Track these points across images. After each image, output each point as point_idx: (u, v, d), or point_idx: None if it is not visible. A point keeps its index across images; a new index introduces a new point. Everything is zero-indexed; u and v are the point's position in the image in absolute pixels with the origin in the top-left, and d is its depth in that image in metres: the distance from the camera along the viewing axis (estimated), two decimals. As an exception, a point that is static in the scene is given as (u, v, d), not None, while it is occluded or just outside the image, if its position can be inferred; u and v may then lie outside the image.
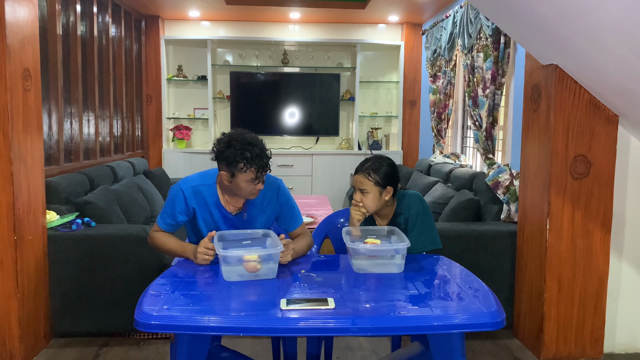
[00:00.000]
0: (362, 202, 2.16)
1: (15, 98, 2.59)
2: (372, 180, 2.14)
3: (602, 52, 2.20)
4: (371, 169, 2.16)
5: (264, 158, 1.98)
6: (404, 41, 5.93)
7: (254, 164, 1.94)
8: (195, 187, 2.08)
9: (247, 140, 1.96)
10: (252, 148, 1.95)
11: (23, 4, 2.66)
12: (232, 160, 1.94)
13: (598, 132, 2.71)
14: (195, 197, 2.08)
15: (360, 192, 2.16)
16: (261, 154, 1.97)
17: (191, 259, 2.01)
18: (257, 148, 1.96)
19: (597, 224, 2.76)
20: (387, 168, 2.18)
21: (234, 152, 1.94)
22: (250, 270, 1.79)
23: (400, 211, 2.24)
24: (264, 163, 1.97)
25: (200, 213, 2.10)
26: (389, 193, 2.18)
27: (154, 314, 1.49)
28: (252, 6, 5.17)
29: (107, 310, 2.92)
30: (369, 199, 2.15)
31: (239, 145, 1.94)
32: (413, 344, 2.13)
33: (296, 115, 5.99)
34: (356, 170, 2.20)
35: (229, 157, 1.95)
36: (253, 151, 1.94)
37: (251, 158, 1.93)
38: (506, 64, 3.53)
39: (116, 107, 4.89)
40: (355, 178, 2.19)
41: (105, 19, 4.59)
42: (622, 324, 2.89)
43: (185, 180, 2.11)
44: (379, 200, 2.16)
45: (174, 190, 2.09)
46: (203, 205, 2.09)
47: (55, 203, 3.13)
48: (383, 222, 2.28)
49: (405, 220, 2.22)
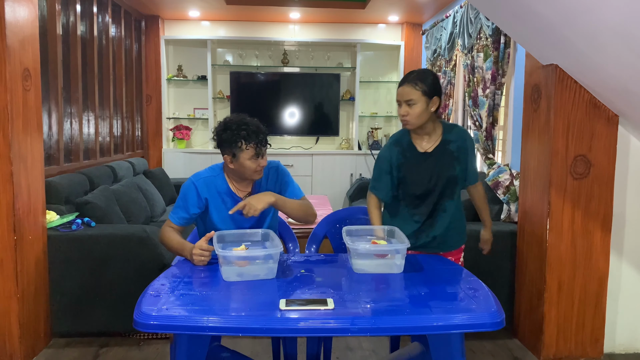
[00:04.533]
0: (409, 114, 2.09)
1: (15, 98, 2.59)
2: (419, 89, 2.07)
3: (602, 52, 2.20)
4: (418, 79, 2.08)
5: (260, 134, 2.06)
6: (404, 41, 5.92)
7: (251, 140, 2.03)
8: (206, 179, 2.15)
9: (243, 121, 2.06)
10: (247, 127, 2.04)
11: (23, 4, 2.66)
12: (232, 141, 2.03)
13: (598, 132, 2.71)
14: (207, 187, 2.14)
15: (407, 105, 2.09)
16: (257, 131, 2.05)
17: (188, 258, 2.01)
18: (253, 126, 2.05)
19: (597, 224, 2.76)
20: (433, 78, 2.12)
21: (231, 133, 2.03)
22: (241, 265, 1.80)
23: (452, 139, 2.18)
24: (261, 138, 2.05)
25: (212, 203, 2.15)
26: (435, 104, 2.10)
27: (153, 314, 1.49)
28: (252, 6, 5.17)
29: (107, 310, 2.92)
30: (416, 110, 2.08)
31: (235, 126, 2.04)
32: (413, 344, 2.13)
33: (296, 115, 5.98)
34: (401, 82, 2.13)
35: (228, 139, 2.04)
36: (249, 129, 2.04)
37: (248, 135, 2.02)
38: (506, 64, 3.53)
39: (116, 107, 4.89)
40: (401, 90, 2.10)
41: (105, 19, 4.59)
42: (622, 324, 2.89)
43: (196, 175, 2.19)
44: (425, 111, 2.09)
45: (186, 185, 2.15)
46: (215, 195, 2.15)
47: (55, 203, 3.13)
48: (425, 142, 2.18)
49: (458, 148, 2.17)
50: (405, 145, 2.20)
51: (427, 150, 2.18)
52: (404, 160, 2.19)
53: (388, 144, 2.25)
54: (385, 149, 2.25)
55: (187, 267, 1.95)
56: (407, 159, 2.19)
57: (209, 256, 1.95)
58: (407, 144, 2.20)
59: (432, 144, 2.18)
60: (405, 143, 2.21)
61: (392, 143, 2.24)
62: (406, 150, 2.19)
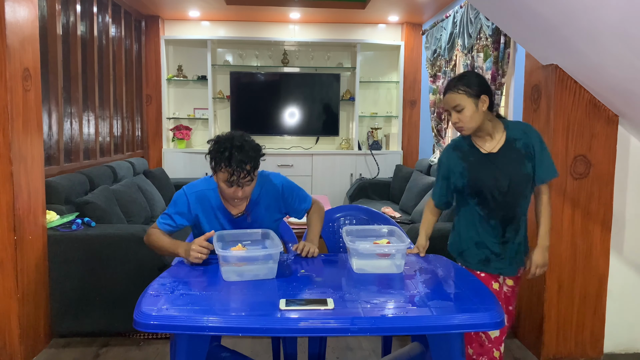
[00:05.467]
0: (460, 120, 2.02)
1: (15, 98, 2.59)
2: (462, 92, 1.99)
3: (602, 52, 2.20)
4: (459, 82, 2.02)
5: (243, 165, 1.89)
6: (404, 41, 5.92)
7: (228, 165, 1.90)
8: (199, 192, 2.08)
9: (234, 142, 1.92)
10: (233, 150, 1.90)
11: (23, 4, 2.66)
12: (213, 157, 1.95)
13: (598, 132, 2.71)
14: (199, 202, 2.08)
15: (455, 112, 2.02)
16: (243, 159, 1.89)
17: (182, 255, 1.98)
18: (241, 152, 1.90)
19: (597, 224, 2.76)
20: (475, 77, 2.04)
21: (216, 148, 1.94)
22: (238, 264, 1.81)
23: (517, 137, 2.07)
24: (240, 169, 1.89)
25: (205, 218, 2.10)
26: (485, 102, 2.01)
27: (153, 314, 1.49)
28: (252, 6, 5.17)
29: (107, 310, 2.92)
30: (466, 114, 2.00)
31: (223, 144, 1.93)
32: (413, 344, 2.13)
33: (296, 115, 5.98)
34: (444, 91, 2.06)
35: (211, 152, 1.96)
36: (233, 153, 1.89)
37: (228, 158, 1.89)
38: (506, 64, 3.53)
39: (116, 107, 4.89)
40: (446, 99, 2.04)
41: (105, 19, 4.59)
42: (622, 324, 2.89)
43: (190, 186, 2.11)
44: (476, 112, 2.00)
45: (179, 194, 2.10)
46: (208, 210, 2.09)
47: (55, 203, 3.13)
48: (488, 143, 2.09)
49: (526, 145, 2.06)
50: (466, 149, 2.12)
51: (492, 150, 2.08)
52: (467, 164, 2.10)
53: (447, 148, 2.18)
54: (444, 154, 2.19)
55: (187, 267, 1.95)
56: (471, 163, 2.09)
57: (207, 254, 1.94)
58: (469, 146, 2.12)
59: (496, 144, 2.08)
60: (466, 146, 2.12)
61: (451, 147, 2.16)
62: (468, 154, 2.10)
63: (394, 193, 5.42)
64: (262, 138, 6.08)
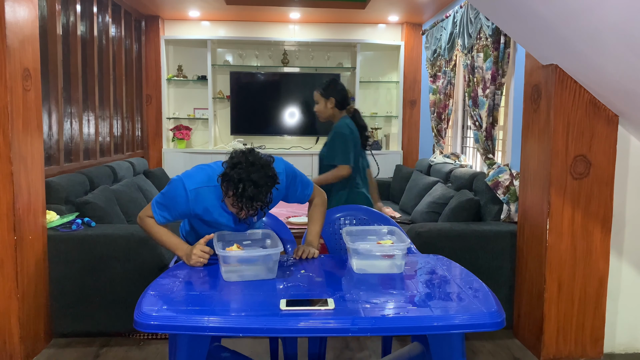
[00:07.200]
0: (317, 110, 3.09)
1: (15, 98, 2.59)
2: (318, 91, 3.06)
3: (602, 52, 2.20)
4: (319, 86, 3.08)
5: (254, 202, 1.81)
6: (404, 41, 5.93)
7: (239, 200, 1.81)
8: (200, 190, 1.97)
9: (251, 174, 1.80)
10: (249, 185, 1.79)
11: (23, 4, 2.66)
12: (226, 183, 1.84)
13: (598, 132, 2.71)
14: (200, 200, 1.98)
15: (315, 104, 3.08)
16: (254, 197, 1.80)
17: (182, 258, 1.97)
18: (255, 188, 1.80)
19: (597, 224, 2.76)
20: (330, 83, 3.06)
21: (231, 176, 1.82)
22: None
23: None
24: (251, 207, 1.82)
25: (205, 212, 2.04)
26: (331, 103, 3.03)
27: (154, 314, 1.49)
28: (252, 6, 5.17)
29: (107, 310, 2.92)
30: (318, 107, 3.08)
31: (239, 174, 1.80)
32: (413, 344, 2.13)
33: (296, 115, 5.98)
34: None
35: (226, 177, 1.84)
36: (247, 189, 1.79)
37: (240, 194, 1.80)
38: (506, 64, 3.53)
39: (116, 107, 4.89)
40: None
41: (105, 19, 4.59)
42: (622, 324, 2.89)
43: (189, 180, 1.97)
44: (325, 107, 3.06)
45: (178, 190, 1.96)
46: (208, 205, 2.02)
47: (55, 203, 3.13)
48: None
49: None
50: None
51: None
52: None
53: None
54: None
55: (187, 267, 1.95)
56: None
57: (207, 259, 1.94)
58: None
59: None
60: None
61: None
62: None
63: (394, 193, 5.42)
64: (262, 138, 6.09)
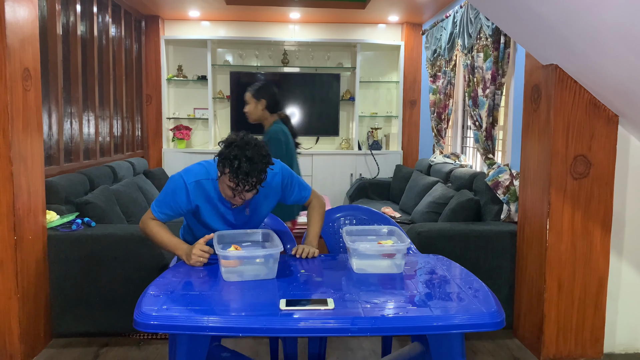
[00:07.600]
0: (247, 110, 3.15)
1: (15, 98, 2.59)
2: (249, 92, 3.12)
3: (602, 52, 2.20)
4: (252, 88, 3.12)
5: (250, 177, 1.86)
6: (404, 41, 5.92)
7: (235, 176, 1.86)
8: (199, 182, 2.02)
9: (246, 151, 1.86)
10: (245, 161, 1.85)
11: (23, 4, 2.66)
12: (222, 161, 1.89)
13: (598, 132, 2.71)
14: (199, 192, 2.02)
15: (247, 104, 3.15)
16: (249, 172, 1.85)
17: (182, 258, 1.98)
18: (250, 164, 1.85)
19: (597, 224, 2.76)
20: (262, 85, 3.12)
21: (227, 154, 1.88)
22: (232, 266, 1.80)
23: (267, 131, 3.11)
24: (247, 182, 1.87)
25: (205, 207, 2.06)
26: (262, 104, 3.10)
27: (154, 314, 1.49)
28: (252, 6, 5.17)
29: (107, 310, 2.92)
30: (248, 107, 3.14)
31: (235, 152, 1.86)
32: (413, 344, 2.13)
33: (296, 115, 5.98)
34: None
35: (222, 155, 1.90)
36: (242, 164, 1.85)
37: (237, 169, 1.85)
38: (506, 64, 3.53)
39: (116, 107, 4.89)
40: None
41: (105, 19, 4.58)
42: (622, 324, 2.89)
43: (188, 174, 2.03)
44: (255, 108, 3.12)
45: (177, 183, 2.01)
46: (208, 199, 2.05)
47: (55, 203, 3.13)
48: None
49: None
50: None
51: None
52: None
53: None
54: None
55: (188, 267, 1.95)
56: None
57: (207, 258, 1.94)
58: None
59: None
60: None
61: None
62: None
63: (394, 193, 5.42)
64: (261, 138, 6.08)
